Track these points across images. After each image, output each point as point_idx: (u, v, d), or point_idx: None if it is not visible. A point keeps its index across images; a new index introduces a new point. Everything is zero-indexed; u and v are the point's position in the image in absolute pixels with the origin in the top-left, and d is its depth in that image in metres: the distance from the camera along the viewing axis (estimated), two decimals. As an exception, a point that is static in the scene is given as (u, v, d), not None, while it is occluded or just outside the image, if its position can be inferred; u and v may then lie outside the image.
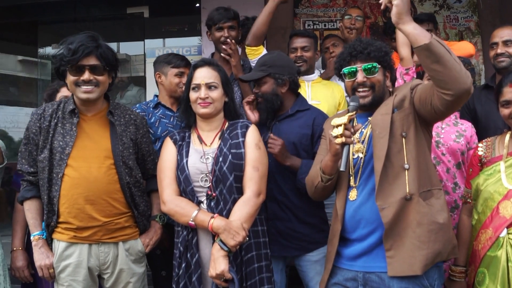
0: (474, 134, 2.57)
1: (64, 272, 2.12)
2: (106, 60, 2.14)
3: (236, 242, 1.91)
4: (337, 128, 1.82)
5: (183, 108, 2.22)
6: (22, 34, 5.95)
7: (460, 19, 4.78)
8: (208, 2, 4.72)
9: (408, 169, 1.84)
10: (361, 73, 1.95)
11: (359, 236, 1.91)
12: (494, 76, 2.99)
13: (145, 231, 2.28)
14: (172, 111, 2.81)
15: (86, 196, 2.09)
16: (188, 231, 2.04)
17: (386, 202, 1.83)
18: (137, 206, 2.22)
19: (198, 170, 2.06)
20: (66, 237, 2.12)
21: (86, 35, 2.13)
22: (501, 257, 1.96)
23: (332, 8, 4.85)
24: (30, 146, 2.17)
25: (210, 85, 2.12)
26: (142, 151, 2.30)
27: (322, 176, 1.98)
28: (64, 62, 2.08)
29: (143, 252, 2.25)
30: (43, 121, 2.16)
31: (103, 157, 2.14)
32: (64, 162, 2.09)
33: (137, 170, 2.24)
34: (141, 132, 2.29)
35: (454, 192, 2.49)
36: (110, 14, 5.62)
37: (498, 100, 2.20)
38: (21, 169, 2.20)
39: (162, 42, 5.53)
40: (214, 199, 2.03)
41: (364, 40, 2.01)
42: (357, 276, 1.90)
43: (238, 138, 2.10)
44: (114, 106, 2.25)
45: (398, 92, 1.98)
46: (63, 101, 2.23)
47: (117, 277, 2.17)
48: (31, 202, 2.19)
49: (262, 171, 2.08)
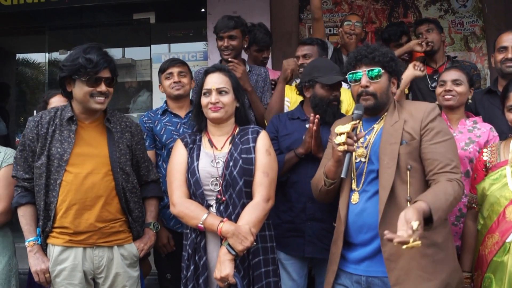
0: (494, 138, 2.49)
1: (59, 276, 2.14)
2: (115, 73, 2.22)
3: (244, 247, 1.93)
4: (340, 136, 1.85)
5: (194, 112, 2.25)
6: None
7: (465, 23, 4.78)
8: (213, 8, 4.76)
9: (410, 201, 1.82)
10: (365, 77, 1.95)
11: (362, 241, 1.92)
12: (496, 81, 2.96)
13: (138, 237, 2.31)
14: (180, 118, 2.83)
15: (83, 201, 2.12)
16: (196, 234, 2.06)
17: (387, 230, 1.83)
18: (132, 212, 2.25)
19: (209, 174, 2.08)
20: (61, 241, 2.14)
21: (98, 47, 2.18)
22: (507, 262, 1.95)
23: (337, 13, 4.87)
24: (26, 153, 2.20)
25: (220, 90, 2.14)
26: (137, 157, 2.34)
27: (325, 180, 2.01)
28: (81, 73, 2.11)
29: (137, 256, 2.28)
30: (40, 128, 2.18)
31: (101, 164, 2.17)
32: (62, 169, 2.13)
33: (133, 176, 2.28)
34: (136, 139, 2.34)
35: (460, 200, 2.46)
36: (116, 20, 5.67)
37: (504, 105, 2.19)
38: (16, 175, 2.23)
39: (168, 48, 5.57)
40: (224, 203, 2.04)
41: (371, 45, 2.01)
42: (360, 280, 1.91)
43: (249, 144, 2.12)
44: (111, 114, 2.30)
45: (406, 114, 1.96)
46: (60, 108, 2.26)
47: (113, 280, 2.20)
48: (26, 208, 2.22)
49: (271, 176, 2.10)
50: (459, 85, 2.55)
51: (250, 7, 4.66)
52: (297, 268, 2.46)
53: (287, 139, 2.50)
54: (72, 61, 2.13)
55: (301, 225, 2.40)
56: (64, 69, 2.15)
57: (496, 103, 2.70)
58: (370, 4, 4.88)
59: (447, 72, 2.63)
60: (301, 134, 2.42)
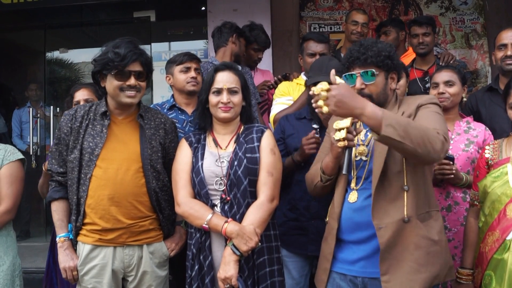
0: (489, 136, 2.51)
1: (88, 274, 2.12)
2: (148, 67, 2.18)
3: (248, 248, 1.93)
4: (339, 132, 1.80)
5: (200, 110, 2.22)
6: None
7: (466, 21, 4.77)
8: (214, 5, 4.76)
9: (407, 191, 1.81)
10: (359, 80, 1.89)
11: (358, 239, 1.88)
12: (497, 78, 2.95)
13: (169, 235, 2.28)
14: (186, 115, 2.81)
15: (112, 197, 2.09)
16: (201, 234, 2.06)
17: (382, 222, 1.80)
18: (163, 210, 2.22)
19: (213, 173, 2.07)
20: (91, 240, 2.12)
21: (128, 41, 2.15)
22: (507, 260, 1.95)
23: (338, 10, 4.86)
24: (61, 147, 2.19)
25: (232, 90, 2.12)
26: (170, 155, 2.28)
27: (322, 176, 1.98)
28: (110, 67, 2.09)
29: (167, 255, 2.25)
30: (74, 121, 2.17)
31: (131, 160, 2.14)
32: (93, 163, 2.10)
33: (164, 174, 2.24)
34: (169, 137, 2.30)
35: (464, 201, 2.45)
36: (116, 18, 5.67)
37: (507, 102, 2.19)
38: (51, 169, 2.22)
39: (168, 46, 5.57)
40: (228, 202, 2.04)
41: (365, 43, 1.93)
42: (356, 280, 1.88)
43: (254, 143, 2.11)
44: (145, 110, 2.27)
45: (406, 106, 1.93)
46: (95, 103, 2.25)
47: (140, 279, 2.17)
48: (59, 203, 2.20)
49: (276, 176, 2.09)
50: (452, 86, 2.55)
51: (250, 5, 4.65)
52: (298, 267, 2.46)
53: (293, 139, 2.49)
54: (102, 55, 2.12)
55: (305, 224, 2.41)
56: (95, 64, 2.14)
57: (497, 100, 2.70)
58: (371, 1, 4.87)
59: (438, 73, 2.63)
60: (306, 134, 2.42)
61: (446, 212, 2.42)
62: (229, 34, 3.35)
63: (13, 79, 6.09)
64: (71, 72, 6.39)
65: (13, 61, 6.12)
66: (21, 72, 6.29)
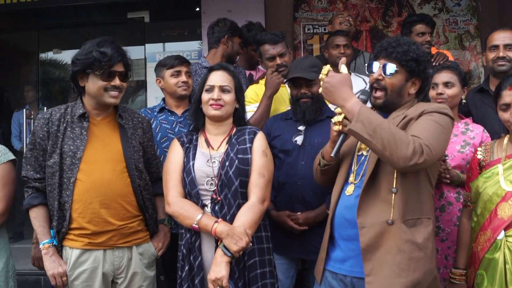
0: (487, 138, 2.47)
1: (78, 279, 2.09)
2: (129, 67, 2.19)
3: (239, 248, 1.92)
4: (339, 115, 1.82)
5: (193, 109, 2.23)
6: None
7: (459, 22, 4.80)
8: (208, 6, 4.76)
9: (395, 193, 1.78)
10: (379, 70, 1.90)
11: (347, 236, 1.87)
12: (488, 79, 2.95)
13: (154, 234, 2.28)
14: (176, 116, 2.82)
15: (101, 200, 2.07)
16: (191, 234, 2.06)
17: (366, 221, 1.79)
18: (147, 209, 2.22)
19: (204, 173, 2.08)
20: (80, 244, 2.09)
21: (111, 41, 2.14)
22: (498, 259, 1.96)
23: (332, 12, 4.87)
24: (36, 152, 2.13)
25: (223, 88, 2.14)
26: (148, 154, 2.31)
27: (321, 160, 2.01)
28: (95, 66, 2.07)
29: (155, 255, 2.25)
30: (51, 125, 2.12)
31: (115, 160, 2.13)
32: (76, 167, 2.07)
33: (145, 173, 2.24)
34: (147, 136, 2.31)
35: (457, 201, 2.43)
36: (110, 19, 5.65)
37: (497, 104, 2.20)
38: (26, 176, 2.15)
39: (162, 47, 5.56)
40: (219, 203, 2.04)
41: (401, 39, 1.93)
42: (345, 280, 1.87)
43: (246, 144, 2.12)
44: (123, 109, 2.26)
45: (412, 110, 1.89)
46: (70, 105, 2.21)
47: (130, 280, 2.16)
48: (38, 210, 2.14)
49: (267, 178, 2.09)
50: (451, 87, 2.52)
51: (245, 5, 4.66)
52: (283, 269, 2.45)
53: (279, 140, 2.50)
54: (85, 54, 2.08)
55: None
56: (77, 63, 2.09)
57: (488, 102, 2.70)
58: (364, 2, 4.89)
59: (438, 74, 2.59)
60: (291, 135, 2.41)
61: (440, 212, 2.43)
62: (221, 34, 3.31)
63: (7, 80, 6.06)
64: (65, 73, 6.36)
65: (6, 62, 6.09)
66: (14, 73, 6.27)
